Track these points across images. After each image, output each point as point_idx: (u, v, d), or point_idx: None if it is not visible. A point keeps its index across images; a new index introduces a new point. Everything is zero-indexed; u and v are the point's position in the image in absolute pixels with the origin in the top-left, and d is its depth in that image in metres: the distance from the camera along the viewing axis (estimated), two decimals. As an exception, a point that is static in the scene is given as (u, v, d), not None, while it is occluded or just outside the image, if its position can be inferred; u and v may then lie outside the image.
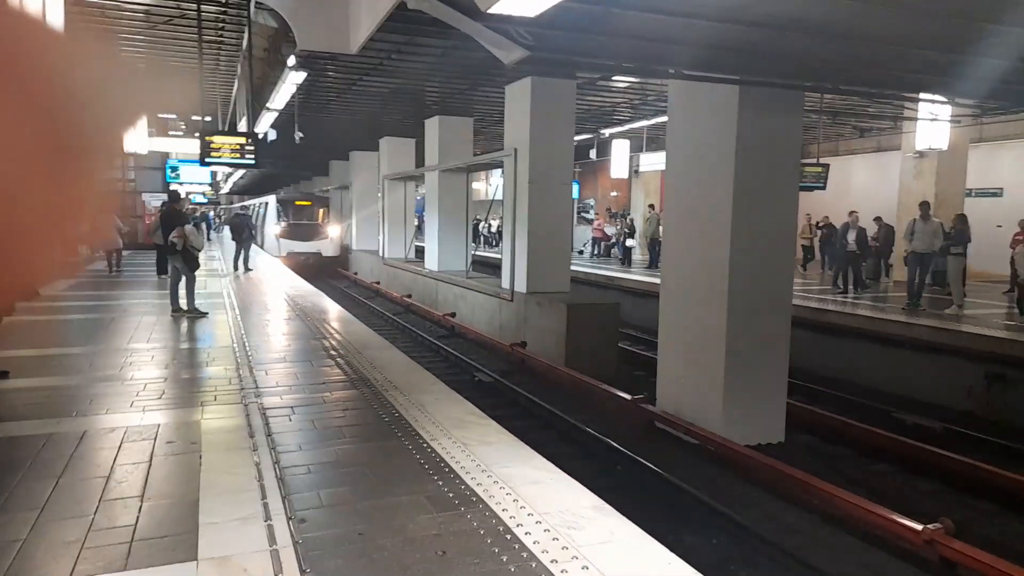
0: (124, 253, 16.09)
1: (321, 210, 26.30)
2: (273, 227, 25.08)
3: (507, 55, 5.95)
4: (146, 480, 3.71)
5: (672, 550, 3.03)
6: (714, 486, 6.64)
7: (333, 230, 25.89)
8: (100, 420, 4.78)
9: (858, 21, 5.67)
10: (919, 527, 5.11)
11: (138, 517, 3.26)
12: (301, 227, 25.15)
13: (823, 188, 15.13)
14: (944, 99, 10.21)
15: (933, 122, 13.88)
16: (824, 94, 11.76)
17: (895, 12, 5.39)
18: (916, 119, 14.11)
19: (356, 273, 24.60)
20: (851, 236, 13.83)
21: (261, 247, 25.01)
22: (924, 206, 11.97)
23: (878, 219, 16.08)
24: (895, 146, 18.20)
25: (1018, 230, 13.41)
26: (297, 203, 26.43)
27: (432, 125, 16.70)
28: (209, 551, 2.92)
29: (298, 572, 2.76)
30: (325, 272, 24.35)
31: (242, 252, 16.59)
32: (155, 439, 4.36)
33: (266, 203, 27.16)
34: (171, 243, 9.13)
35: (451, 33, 7.20)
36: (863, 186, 21.40)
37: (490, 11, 4.35)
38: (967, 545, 4.94)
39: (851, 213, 14.12)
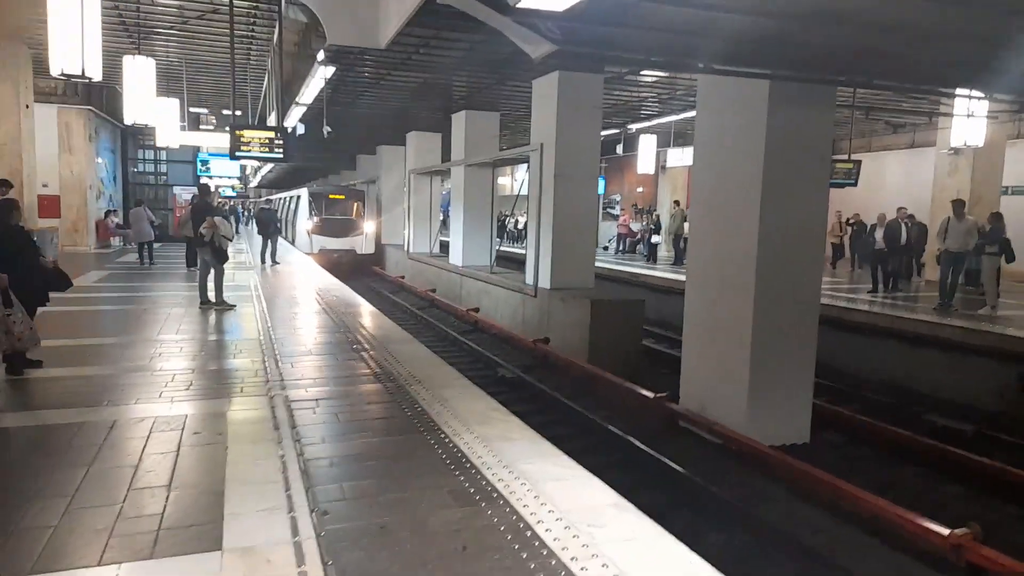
0: (155, 245, 16.36)
1: (356, 204, 24.50)
2: (304, 222, 23.47)
3: (535, 49, 5.93)
4: (173, 470, 3.78)
5: (693, 549, 3.01)
6: (737, 485, 6.59)
7: (368, 226, 24.12)
8: (130, 410, 4.87)
9: (892, 12, 5.54)
10: (946, 531, 5.02)
11: (165, 506, 3.32)
12: (334, 222, 23.49)
13: (854, 184, 14.86)
14: (982, 95, 9.95)
15: (969, 118, 13.55)
16: (856, 88, 11.55)
17: (930, 3, 5.26)
18: (952, 115, 13.77)
19: (383, 268, 24.41)
20: (878, 234, 13.63)
21: (292, 243, 24.25)
22: (958, 204, 11.71)
23: (911, 217, 15.76)
24: (930, 142, 17.81)
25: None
26: (331, 196, 24.44)
27: (459, 119, 16.72)
28: (233, 541, 2.96)
29: (320, 564, 2.79)
30: (360, 271, 23.28)
31: (269, 245, 16.78)
32: (182, 429, 4.44)
33: (297, 196, 25.66)
34: (200, 235, 9.26)
35: (479, 27, 7.19)
36: (896, 183, 20.96)
37: (518, 5, 4.33)
38: (995, 551, 4.84)
39: (880, 216, 14.01)
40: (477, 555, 2.90)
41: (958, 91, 9.98)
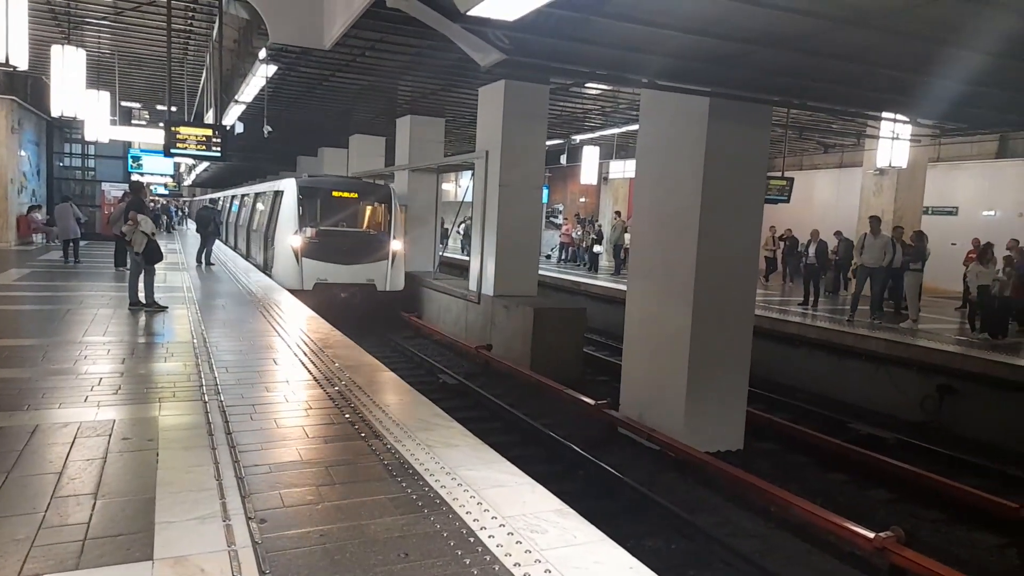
0: (81, 243, 15.66)
1: (379, 208, 15.66)
2: (288, 237, 14.29)
3: (484, 58, 5.95)
4: (100, 477, 3.61)
5: (633, 554, 3.06)
6: (674, 492, 6.72)
7: (397, 244, 15.18)
8: (53, 414, 4.63)
9: (825, 38, 5.81)
10: (871, 535, 5.24)
11: (91, 515, 3.17)
12: (342, 239, 14.89)
13: (787, 201, 15.43)
14: (906, 119, 10.50)
15: (894, 140, 14.27)
16: (791, 109, 12.01)
17: (860, 31, 5.53)
18: (878, 137, 14.49)
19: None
20: (811, 250, 14.23)
21: (265, 270, 15.47)
22: (874, 221, 12.31)
23: (838, 233, 16.46)
24: (857, 162, 18.67)
25: (971, 248, 13.84)
26: (335, 194, 15.42)
27: (403, 124, 16.63)
28: (165, 550, 2.85)
29: (257, 573, 2.71)
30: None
31: (205, 246, 16.27)
32: (110, 435, 4.25)
33: (274, 193, 16.11)
34: (122, 233, 8.90)
35: (427, 33, 7.16)
36: (825, 200, 21.89)
37: (469, 13, 4.34)
38: (917, 553, 5.08)
39: (813, 232, 14.64)
40: (419, 562, 2.87)
41: (885, 115, 10.52)
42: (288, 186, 15.14)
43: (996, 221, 17.20)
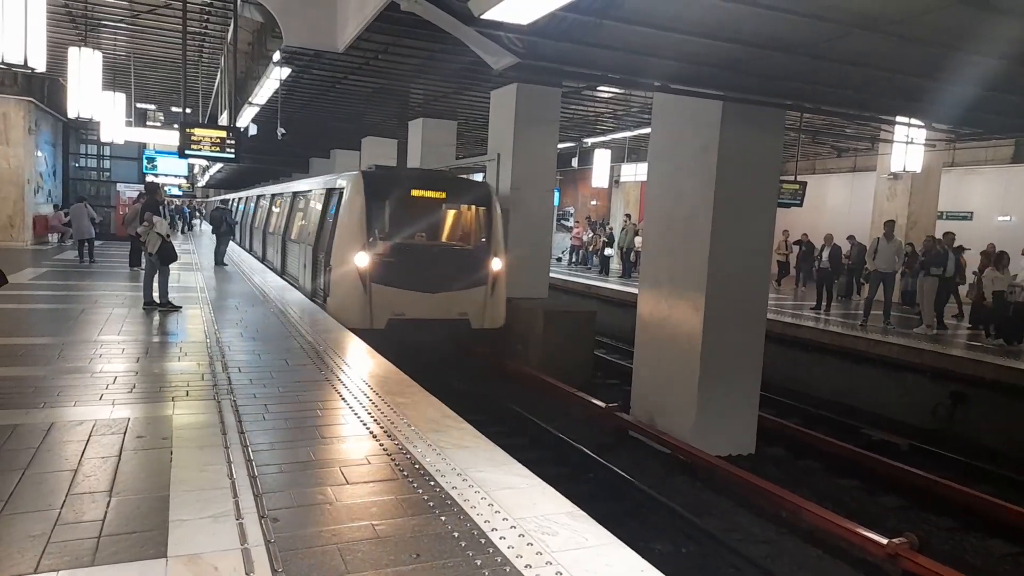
0: (96, 243, 15.80)
1: (475, 213, 11.40)
2: (353, 253, 10.14)
3: (497, 61, 5.98)
4: (115, 475, 3.65)
5: (643, 557, 3.06)
6: (684, 496, 6.70)
7: (498, 264, 10.97)
8: (68, 412, 4.68)
9: (839, 44, 5.79)
10: (884, 541, 5.20)
11: (106, 512, 3.20)
12: (427, 256, 10.85)
13: (800, 205, 15.36)
14: (921, 123, 10.44)
15: (908, 145, 14.18)
16: (804, 113, 11.97)
17: (871, 36, 5.51)
18: (892, 141, 14.40)
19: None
20: (825, 254, 14.17)
21: (314, 299, 11.17)
22: (888, 225, 12.23)
23: (851, 238, 16.37)
24: (871, 167, 18.55)
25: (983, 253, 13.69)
26: (416, 193, 10.85)
27: (416, 127, 16.69)
28: (179, 548, 2.88)
29: (270, 572, 2.73)
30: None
31: (220, 246, 16.40)
32: (124, 433, 4.29)
33: (331, 190, 11.61)
34: (137, 234, 8.97)
35: (440, 36, 7.21)
36: (838, 205, 21.77)
37: (483, 16, 4.36)
38: (930, 560, 5.04)
39: (827, 236, 14.57)
40: (430, 563, 2.88)
41: (899, 119, 10.45)
42: (351, 183, 10.50)
43: (1012, 227, 17.05)
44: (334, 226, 10.61)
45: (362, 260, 10.01)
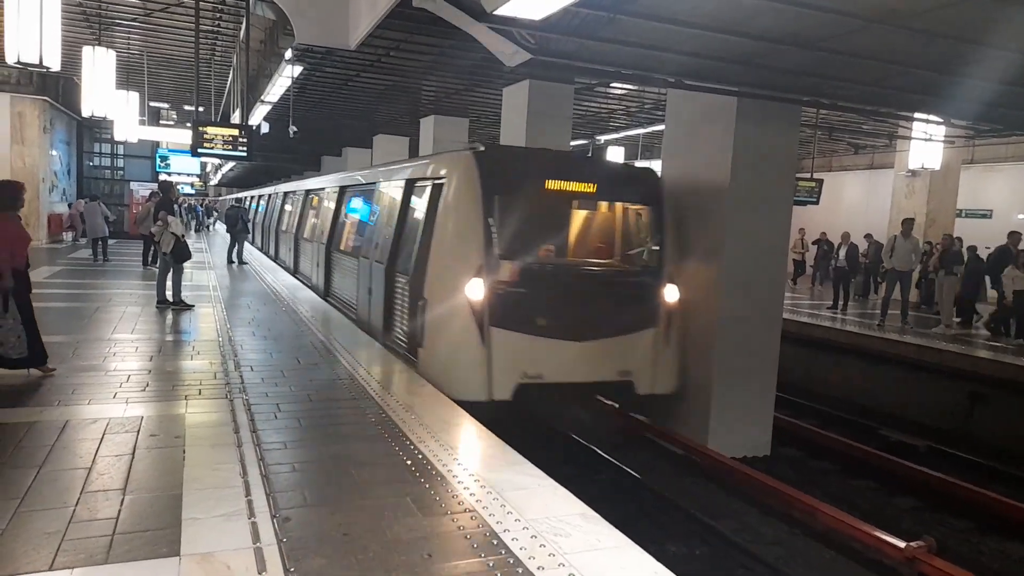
0: (109, 242, 15.91)
1: (644, 214, 7.68)
2: (464, 280, 6.36)
3: (509, 57, 5.94)
4: (128, 473, 3.65)
5: (656, 559, 3.02)
6: (699, 497, 6.65)
7: (673, 293, 7.20)
8: (82, 410, 4.70)
9: (855, 39, 5.71)
10: (902, 544, 5.13)
11: (120, 510, 3.20)
12: (573, 283, 7.11)
13: (816, 203, 15.23)
14: (939, 119, 10.29)
15: (927, 142, 14.00)
16: (820, 109, 11.84)
17: (889, 30, 5.43)
18: (910, 138, 14.22)
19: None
20: (842, 253, 14.02)
21: (396, 344, 7.45)
22: (907, 223, 12.05)
23: (868, 236, 16.20)
24: (888, 164, 18.34)
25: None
26: (550, 186, 6.89)
27: (427, 124, 16.64)
28: (192, 547, 2.87)
29: (282, 570, 2.72)
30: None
31: (235, 245, 16.46)
32: (138, 432, 4.30)
33: (427, 180, 7.48)
34: (151, 233, 9.00)
35: (452, 33, 7.16)
36: (855, 203, 21.56)
37: (495, 12, 4.33)
38: (948, 563, 4.97)
39: (844, 234, 14.45)
40: (442, 563, 2.86)
41: (917, 115, 10.31)
42: (458, 169, 6.93)
43: (1031, 224, 16.80)
44: (428, 237, 6.96)
45: (476, 291, 6.40)
